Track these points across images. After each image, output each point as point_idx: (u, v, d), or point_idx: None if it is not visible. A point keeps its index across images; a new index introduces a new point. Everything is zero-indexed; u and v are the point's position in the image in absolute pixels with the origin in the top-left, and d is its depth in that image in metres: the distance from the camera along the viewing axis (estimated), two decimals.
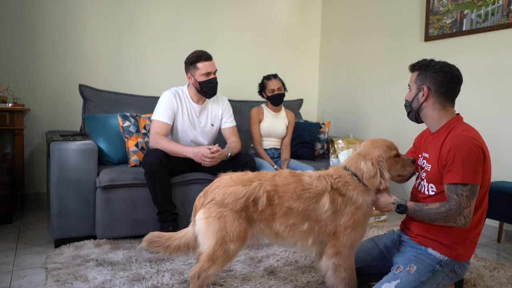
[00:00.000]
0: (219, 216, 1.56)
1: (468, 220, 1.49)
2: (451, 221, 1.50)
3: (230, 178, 1.65)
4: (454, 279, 1.62)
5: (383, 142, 1.70)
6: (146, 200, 2.48)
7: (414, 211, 1.58)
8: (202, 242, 1.60)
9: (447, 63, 1.64)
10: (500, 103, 2.86)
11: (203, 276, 1.57)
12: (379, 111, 3.85)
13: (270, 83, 3.12)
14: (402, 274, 1.56)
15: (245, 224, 1.57)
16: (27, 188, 3.32)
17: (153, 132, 2.50)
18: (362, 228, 1.65)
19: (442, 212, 1.50)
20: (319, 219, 1.60)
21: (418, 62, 1.68)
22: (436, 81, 1.61)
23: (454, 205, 1.48)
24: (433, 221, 1.54)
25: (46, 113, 3.35)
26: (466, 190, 1.47)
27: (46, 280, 1.87)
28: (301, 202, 1.59)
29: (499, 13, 2.83)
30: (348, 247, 1.63)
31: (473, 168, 1.47)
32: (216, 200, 1.58)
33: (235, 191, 1.58)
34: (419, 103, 1.66)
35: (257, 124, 3.15)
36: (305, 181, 1.64)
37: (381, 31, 3.83)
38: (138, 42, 3.66)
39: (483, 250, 2.59)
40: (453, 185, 1.49)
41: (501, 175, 2.81)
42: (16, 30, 3.20)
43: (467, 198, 1.47)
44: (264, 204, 1.58)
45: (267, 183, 1.61)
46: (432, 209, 1.53)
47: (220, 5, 4.02)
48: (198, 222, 1.62)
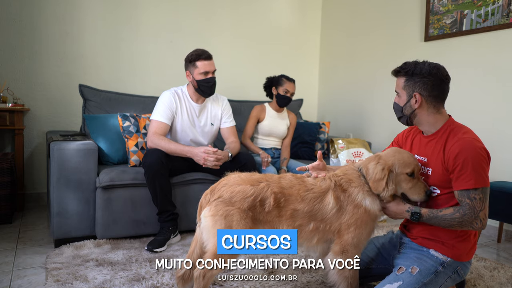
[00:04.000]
0: (226, 214, 1.55)
1: (484, 223, 1.48)
2: (467, 225, 1.48)
3: (239, 177, 1.64)
4: (456, 280, 1.62)
5: (406, 155, 1.62)
6: (146, 200, 2.48)
7: (429, 218, 1.55)
8: (207, 239, 1.59)
9: (433, 64, 1.59)
10: (500, 103, 2.86)
11: (208, 275, 1.56)
12: (379, 111, 3.85)
13: (288, 83, 3.12)
14: (404, 275, 1.55)
15: (251, 224, 1.57)
16: (27, 188, 3.32)
17: (152, 132, 2.49)
18: (366, 228, 1.63)
19: (457, 218, 1.48)
20: (324, 218, 1.60)
21: (402, 68, 1.63)
22: (427, 86, 1.57)
23: (468, 210, 1.47)
24: (449, 227, 1.53)
25: (46, 113, 3.35)
26: (478, 194, 1.46)
27: (46, 280, 1.87)
28: (305, 203, 1.59)
29: (499, 13, 2.83)
30: (354, 246, 1.61)
31: (483, 171, 1.47)
32: (224, 198, 1.57)
33: (243, 189, 1.58)
34: (412, 110, 1.62)
35: (254, 121, 3.14)
36: (308, 182, 1.65)
37: (381, 31, 3.83)
38: (138, 42, 3.66)
39: (483, 250, 2.59)
40: (465, 191, 1.48)
41: (501, 175, 2.81)
42: (16, 30, 3.20)
43: (480, 201, 1.46)
44: (271, 205, 1.57)
45: (274, 184, 1.61)
46: (447, 215, 1.51)
47: (220, 5, 4.02)
48: (203, 220, 1.60)
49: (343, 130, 4.23)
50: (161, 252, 2.29)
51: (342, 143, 3.21)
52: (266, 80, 3.24)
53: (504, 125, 2.83)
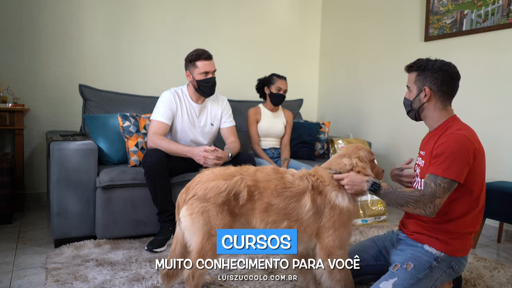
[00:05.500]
0: (202, 211, 1.56)
1: (436, 209, 1.50)
2: (421, 207, 1.50)
3: (212, 173, 1.65)
4: (452, 275, 1.63)
5: (365, 147, 1.77)
6: (146, 200, 2.48)
7: (387, 192, 1.57)
8: (189, 239, 1.60)
9: (444, 61, 1.66)
10: (500, 103, 2.86)
11: (197, 274, 1.56)
12: (379, 111, 3.85)
13: (280, 81, 3.13)
14: (399, 271, 1.56)
15: (229, 217, 1.57)
16: (27, 188, 3.32)
17: (152, 132, 2.49)
18: (346, 227, 1.64)
19: (415, 196, 1.51)
20: (299, 219, 1.60)
21: (415, 63, 1.69)
22: (437, 80, 1.63)
23: (429, 192, 1.50)
24: (404, 205, 1.54)
25: (46, 113, 3.35)
26: (445, 183, 1.50)
27: (46, 280, 1.87)
28: (281, 199, 1.59)
29: (499, 13, 2.83)
30: (338, 247, 1.61)
31: (458, 165, 1.50)
32: (198, 195, 1.58)
33: (216, 185, 1.58)
34: (420, 103, 1.68)
35: (255, 125, 3.15)
36: (287, 179, 1.64)
37: (381, 31, 3.83)
38: (138, 42, 3.66)
39: (483, 250, 2.59)
40: (434, 175, 1.52)
41: (501, 175, 2.81)
42: (16, 30, 3.20)
43: (443, 190, 1.49)
44: (244, 198, 1.57)
45: (249, 178, 1.61)
46: (406, 192, 1.54)
47: (220, 5, 4.02)
48: (182, 219, 1.61)
49: (343, 130, 4.23)
50: (161, 252, 2.29)
51: (342, 143, 3.21)
52: (257, 82, 3.24)
53: (504, 125, 2.82)
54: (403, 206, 1.55)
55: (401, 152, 3.62)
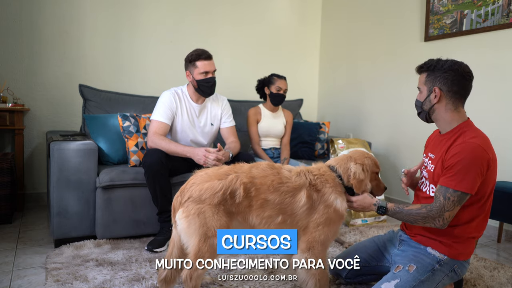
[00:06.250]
0: (198, 212, 1.55)
1: (446, 222, 1.50)
2: (430, 222, 1.52)
3: (206, 174, 1.64)
4: (454, 278, 1.62)
5: (373, 157, 1.78)
6: (146, 200, 2.48)
7: (394, 212, 1.60)
8: (186, 241, 1.59)
9: (455, 61, 1.62)
10: (500, 103, 2.86)
11: (195, 276, 1.56)
12: (379, 111, 3.85)
13: (280, 81, 3.13)
14: (402, 273, 1.56)
15: (225, 217, 1.57)
16: (27, 188, 3.32)
17: (152, 132, 2.49)
18: (334, 227, 1.66)
19: (422, 213, 1.52)
20: (294, 214, 1.61)
21: (425, 63, 1.65)
22: (447, 80, 1.59)
23: (436, 207, 1.50)
24: (413, 222, 1.56)
25: (46, 113, 3.35)
26: (455, 196, 1.48)
27: (46, 280, 1.87)
28: (277, 194, 1.60)
29: (499, 13, 2.83)
30: (321, 243, 1.62)
31: (471, 177, 1.47)
32: (194, 197, 1.57)
33: (211, 186, 1.57)
34: (431, 104, 1.63)
35: (255, 125, 3.15)
36: (284, 174, 1.65)
37: (381, 31, 3.83)
38: (138, 42, 3.66)
39: (483, 250, 2.59)
40: (445, 188, 1.49)
41: (501, 175, 2.80)
42: (16, 30, 3.20)
43: (452, 203, 1.48)
44: (241, 196, 1.57)
45: (244, 175, 1.61)
46: (413, 210, 1.55)
47: (221, 6, 4.02)
48: (178, 222, 1.60)
49: (343, 130, 4.23)
50: (161, 252, 2.29)
51: (342, 143, 3.21)
52: (257, 83, 3.25)
53: (504, 125, 2.82)
54: (413, 223, 1.57)
55: (401, 152, 3.62)
